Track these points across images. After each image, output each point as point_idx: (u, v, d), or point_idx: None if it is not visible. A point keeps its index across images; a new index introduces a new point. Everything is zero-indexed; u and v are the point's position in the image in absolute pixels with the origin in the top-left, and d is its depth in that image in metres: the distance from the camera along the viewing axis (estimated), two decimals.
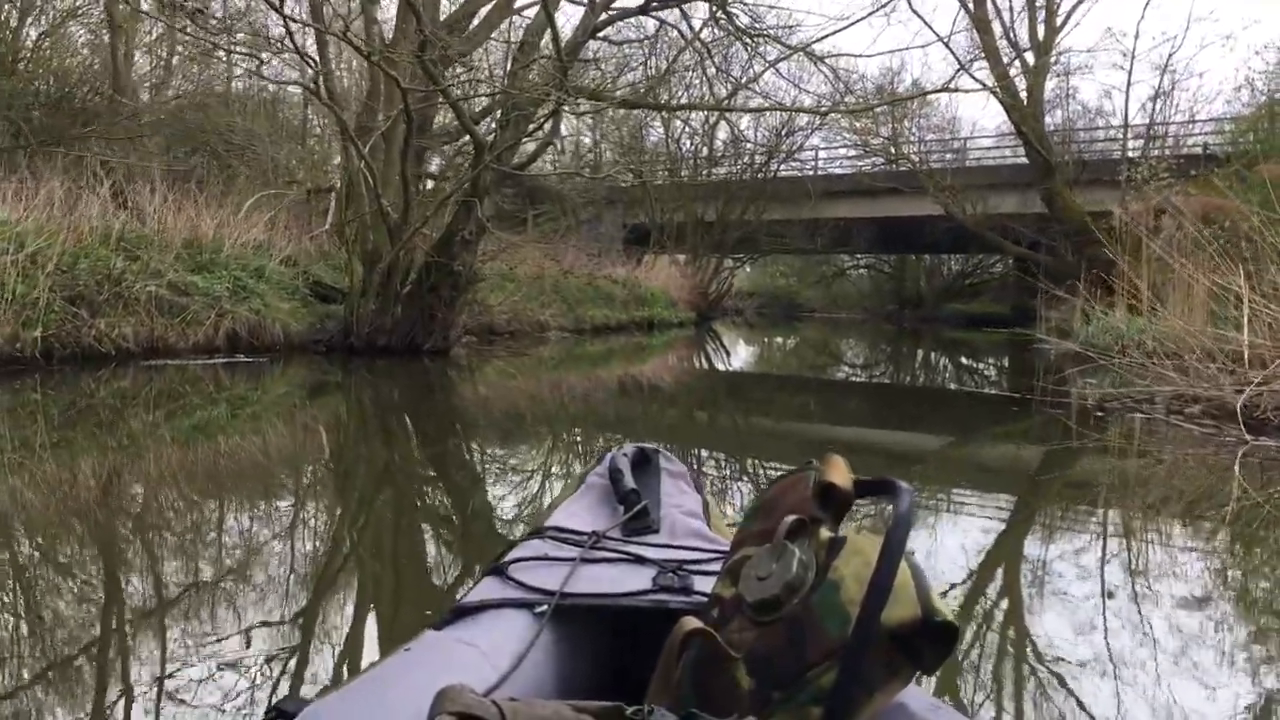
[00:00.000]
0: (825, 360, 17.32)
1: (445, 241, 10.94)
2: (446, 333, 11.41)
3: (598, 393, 10.12)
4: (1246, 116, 18.23)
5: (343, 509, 4.35)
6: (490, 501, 4.52)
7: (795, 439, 7.17)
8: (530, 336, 15.89)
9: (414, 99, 9.69)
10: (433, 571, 3.34)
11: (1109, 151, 24.25)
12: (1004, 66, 20.30)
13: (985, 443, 7.07)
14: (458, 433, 6.96)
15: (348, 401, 8.64)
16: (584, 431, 7.25)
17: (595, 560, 1.48)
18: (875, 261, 42.57)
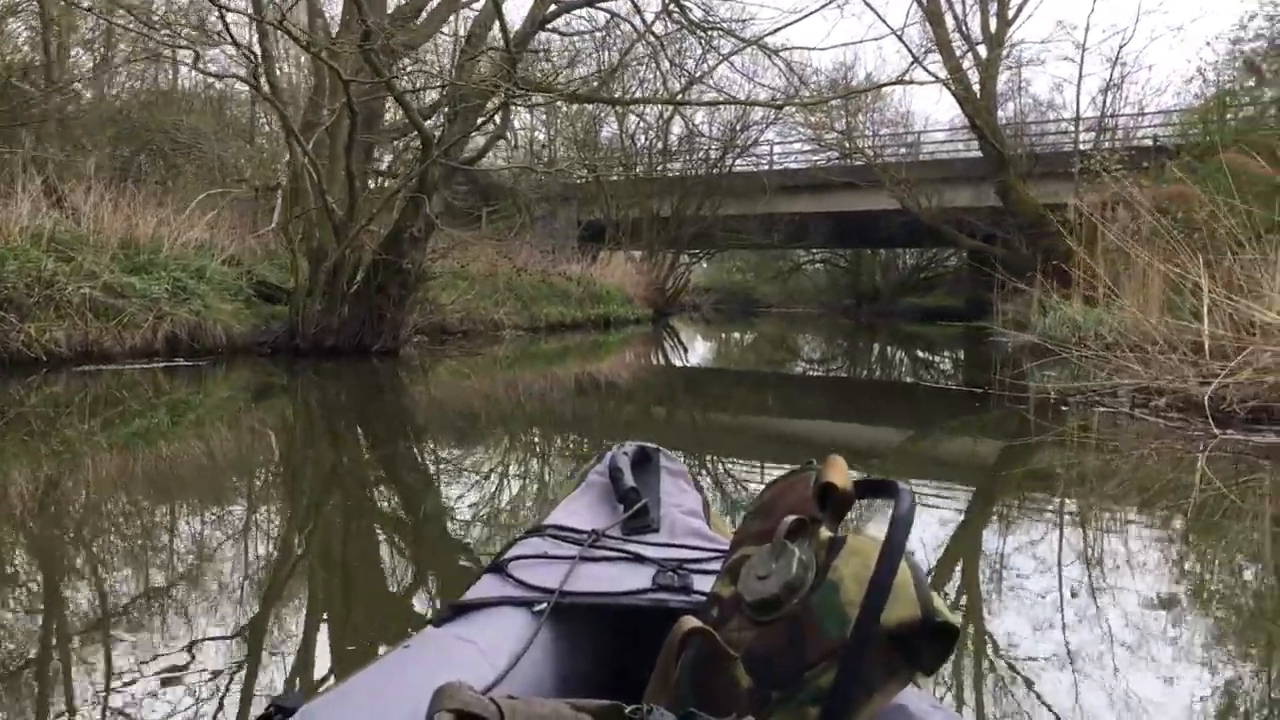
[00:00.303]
0: (783, 355, 17.30)
1: (393, 239, 10.66)
2: (396, 332, 11.13)
3: (554, 391, 10.00)
4: (1197, 108, 18.38)
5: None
6: (446, 504, 4.38)
7: (754, 434, 7.09)
8: (484, 335, 15.65)
9: (358, 92, 9.41)
10: (433, 569, 3.29)
11: (1061, 144, 24.43)
12: (957, 59, 20.33)
13: (946, 437, 6.98)
14: (417, 435, 6.74)
15: (294, 404, 8.38)
16: (542, 431, 7.13)
17: (595, 559, 1.48)
18: (831, 256, 42.75)
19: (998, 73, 21.85)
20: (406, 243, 10.51)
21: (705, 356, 17.08)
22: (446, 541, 3.63)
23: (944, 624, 0.89)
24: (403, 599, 2.95)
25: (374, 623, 2.69)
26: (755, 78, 18.70)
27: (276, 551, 3.51)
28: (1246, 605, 3.06)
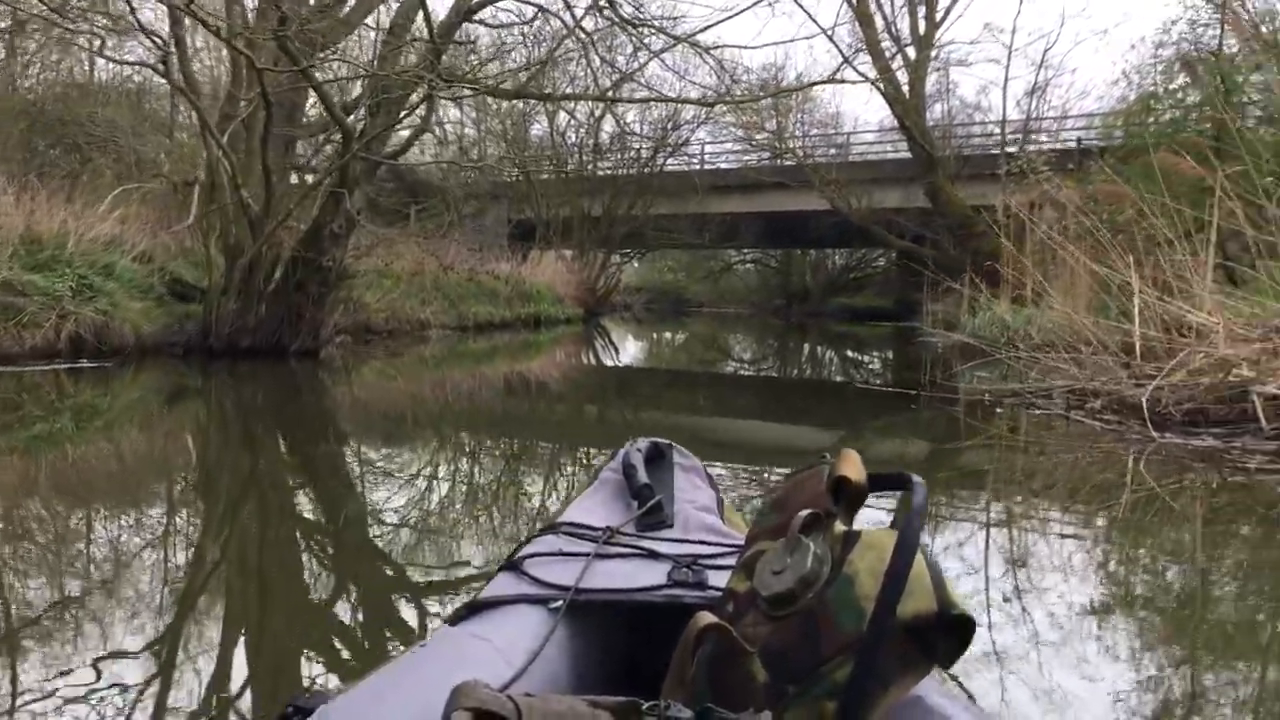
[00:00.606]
0: (714, 355, 17.31)
1: (313, 236, 10.29)
2: (316, 332, 10.75)
3: (484, 391, 9.88)
4: (1120, 111, 18.71)
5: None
6: (376, 505, 4.22)
7: (685, 433, 6.86)
8: (410, 335, 15.33)
9: (274, 82, 9.05)
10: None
11: (988, 146, 24.75)
12: (886, 60, 20.45)
13: (878, 438, 6.89)
14: (366, 437, 6.52)
15: (209, 406, 8.05)
16: (473, 432, 7.00)
17: (609, 555, 1.48)
18: (762, 256, 42.85)
19: (926, 74, 22.03)
20: (327, 240, 10.15)
21: (637, 356, 17.08)
22: (458, 542, 3.61)
23: (960, 616, 0.89)
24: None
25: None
26: (687, 76, 18.63)
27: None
28: (1179, 607, 3.00)
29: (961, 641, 0.91)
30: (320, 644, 2.49)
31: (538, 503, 4.32)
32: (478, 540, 3.65)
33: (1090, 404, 6.25)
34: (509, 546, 3.66)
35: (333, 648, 2.46)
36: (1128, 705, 2.20)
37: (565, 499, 4.32)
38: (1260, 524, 4.00)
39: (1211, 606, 3.03)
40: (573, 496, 1.93)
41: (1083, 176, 14.00)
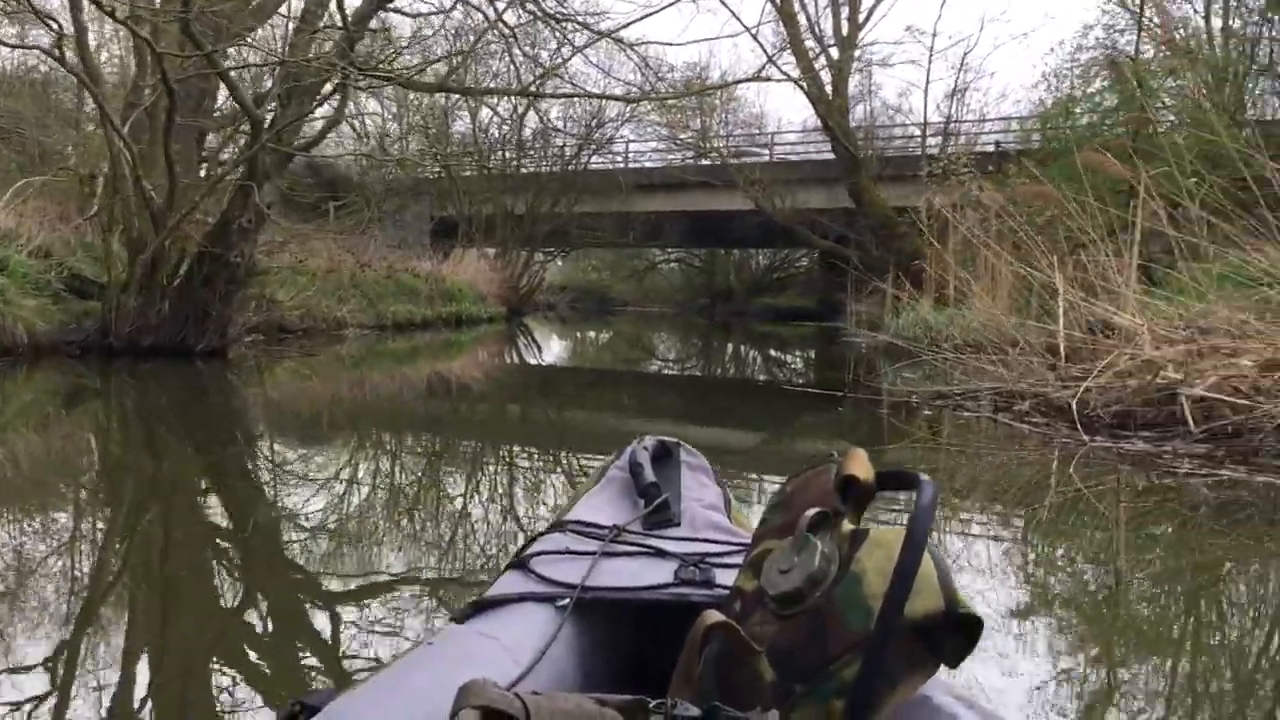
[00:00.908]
0: (638, 354, 17.32)
1: (221, 230, 9.85)
2: (224, 330, 10.29)
3: (405, 392, 9.71)
4: (1039, 114, 19.03)
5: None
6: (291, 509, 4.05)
7: (609, 432, 7.01)
8: (326, 334, 14.92)
9: (175, 67, 8.62)
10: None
11: (910, 148, 25.02)
12: (809, 60, 20.49)
13: (803, 438, 6.84)
14: (309, 438, 6.24)
15: (107, 408, 7.68)
16: (395, 433, 6.86)
17: (616, 554, 1.48)
18: (686, 256, 42.97)
19: (849, 75, 22.15)
20: (235, 234, 9.72)
21: (561, 355, 17.07)
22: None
23: (968, 616, 0.89)
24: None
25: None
26: (611, 73, 18.43)
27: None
28: (1096, 608, 2.95)
29: (969, 641, 0.90)
30: (326, 642, 2.49)
31: (460, 505, 4.26)
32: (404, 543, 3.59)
33: (1018, 406, 6.17)
34: (422, 549, 3.45)
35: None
36: (1044, 698, 2.20)
37: (487, 500, 4.37)
38: (1182, 526, 3.95)
39: (1127, 607, 3.01)
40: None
41: (1003, 179, 14.15)
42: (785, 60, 20.03)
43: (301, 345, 13.25)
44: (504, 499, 4.44)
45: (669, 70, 20.16)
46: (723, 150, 26.74)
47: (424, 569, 3.25)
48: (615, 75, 17.65)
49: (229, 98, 12.54)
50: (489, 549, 3.46)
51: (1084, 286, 6.77)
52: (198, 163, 13.34)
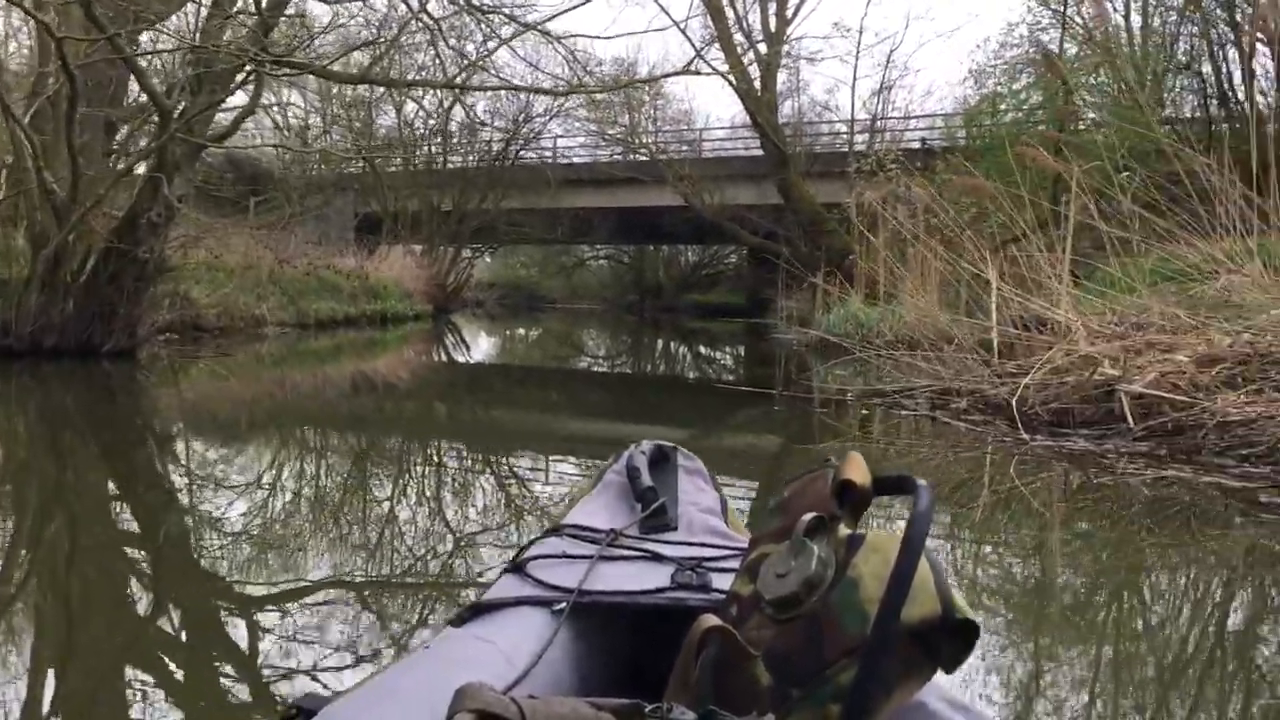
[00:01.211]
0: (568, 351, 17.31)
1: (129, 225, 9.39)
2: (132, 330, 9.82)
3: (328, 392, 9.47)
4: (964, 112, 19.23)
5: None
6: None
7: (538, 431, 6.91)
8: (245, 333, 14.47)
9: (76, 52, 8.18)
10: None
11: (837, 145, 25.14)
12: (738, 55, 20.43)
13: (735, 434, 6.73)
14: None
15: (7, 412, 7.28)
16: (317, 435, 6.68)
17: (613, 558, 1.48)
18: (615, 252, 42.89)
19: (778, 70, 22.15)
20: (144, 229, 9.26)
21: (489, 353, 16.99)
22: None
23: (964, 621, 0.88)
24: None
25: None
26: (539, 67, 18.17)
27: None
28: (1027, 606, 2.91)
29: (966, 646, 0.90)
30: (323, 645, 2.48)
31: (387, 508, 4.17)
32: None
33: (955, 404, 6.05)
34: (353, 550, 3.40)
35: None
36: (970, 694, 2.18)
37: (416, 501, 4.30)
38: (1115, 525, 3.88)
39: (1052, 604, 2.98)
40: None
41: (931, 176, 14.22)
42: (714, 56, 19.98)
43: (218, 344, 12.85)
44: (431, 502, 4.35)
45: (597, 64, 19.97)
46: (651, 146, 26.60)
47: (353, 573, 3.20)
48: (543, 69, 17.43)
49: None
50: (415, 551, 3.43)
51: (1016, 281, 6.72)
52: (108, 155, 12.77)
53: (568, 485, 4.69)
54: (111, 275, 9.37)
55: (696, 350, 18.12)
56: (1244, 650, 2.62)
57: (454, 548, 3.58)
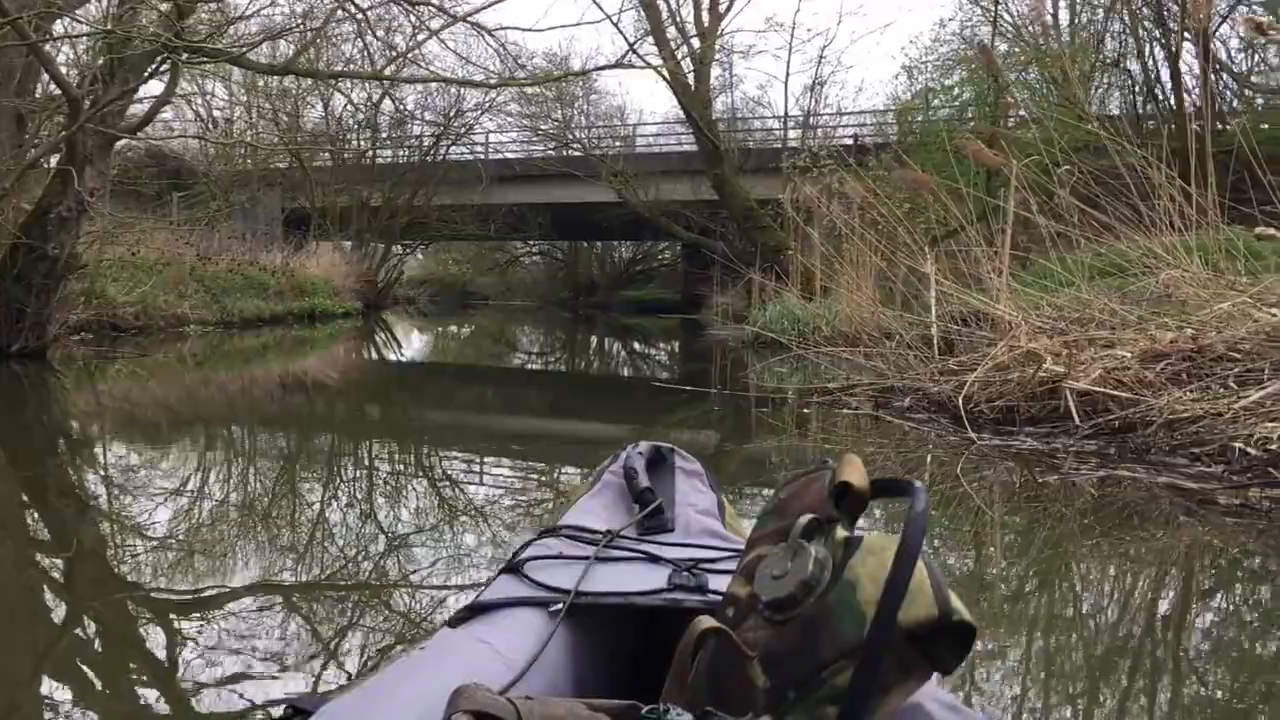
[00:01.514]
0: (502, 349, 17.19)
1: (37, 220, 8.94)
2: (41, 330, 9.34)
3: (254, 392, 9.13)
4: (897, 108, 19.36)
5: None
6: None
7: (472, 431, 6.81)
8: (165, 332, 13.97)
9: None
10: (450, 571, 3.20)
11: (771, 141, 25.19)
12: (671, 49, 20.30)
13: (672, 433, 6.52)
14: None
15: None
16: (244, 437, 6.50)
17: (610, 559, 1.48)
18: (549, 249, 42.62)
19: (711, 65, 22.07)
20: (53, 224, 8.82)
21: (422, 351, 16.74)
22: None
23: (962, 623, 0.88)
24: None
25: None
26: (470, 61, 17.89)
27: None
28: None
29: (963, 648, 0.90)
30: (319, 645, 2.48)
31: (318, 510, 4.12)
32: None
33: (898, 402, 5.93)
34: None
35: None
36: None
37: (345, 504, 4.25)
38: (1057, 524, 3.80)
39: (985, 603, 2.90)
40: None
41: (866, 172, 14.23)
42: (647, 50, 19.84)
43: (137, 344, 12.39)
44: (363, 504, 4.29)
45: (529, 58, 19.73)
46: (585, 141, 26.41)
47: (283, 575, 3.16)
48: (475, 63, 17.15)
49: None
50: (347, 553, 3.39)
51: (955, 276, 6.66)
52: (18, 147, 12.22)
53: (502, 487, 4.63)
54: (18, 273, 8.92)
55: (631, 347, 18.02)
56: (1182, 643, 2.61)
57: (414, 549, 3.48)
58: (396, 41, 15.17)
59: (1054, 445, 4.65)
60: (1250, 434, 3.65)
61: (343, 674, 2.25)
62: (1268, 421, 3.67)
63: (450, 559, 3.29)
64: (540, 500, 4.23)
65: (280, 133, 25.89)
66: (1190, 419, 4.15)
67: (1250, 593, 3.07)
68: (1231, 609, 2.93)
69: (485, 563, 3.10)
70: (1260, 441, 3.58)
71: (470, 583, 2.86)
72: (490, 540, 3.53)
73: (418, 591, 2.92)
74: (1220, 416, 3.97)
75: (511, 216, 28.85)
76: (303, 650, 2.42)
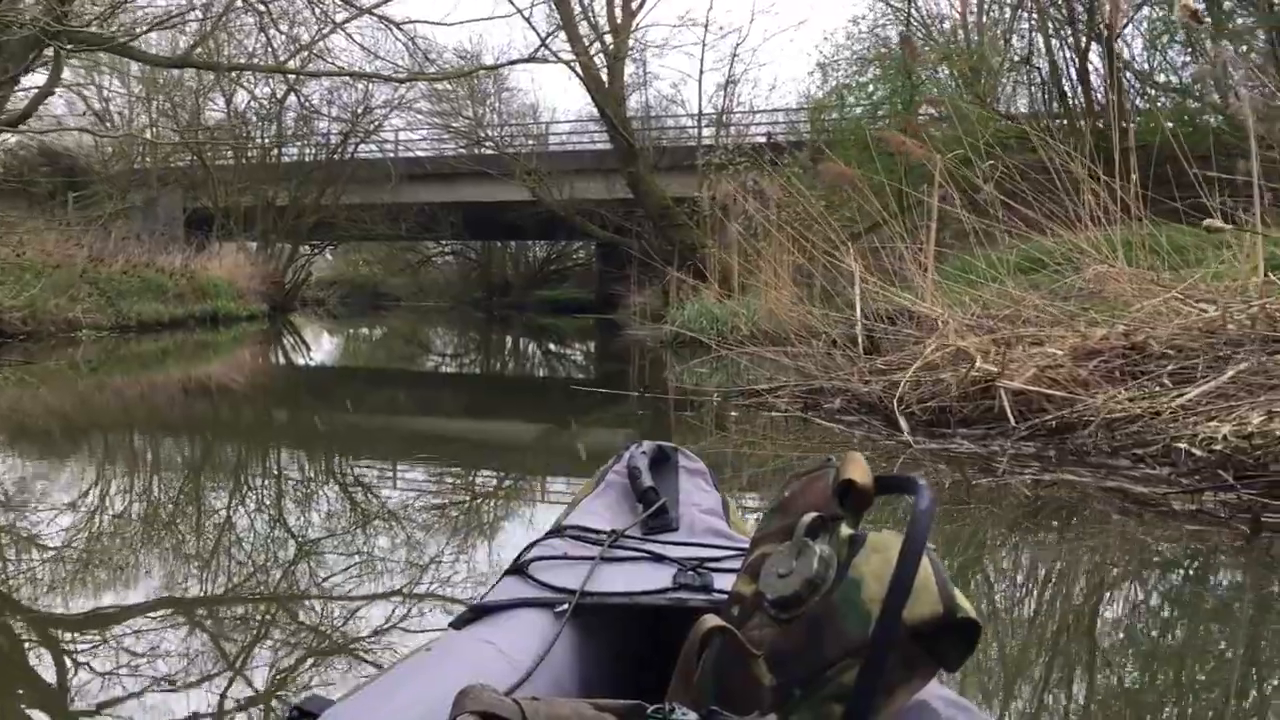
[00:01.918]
0: (415, 350, 16.99)
1: None
2: None
3: (156, 397, 8.77)
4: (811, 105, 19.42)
5: None
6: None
7: (387, 434, 6.65)
8: (57, 338, 13.32)
9: None
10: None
11: (686, 139, 25.12)
12: (584, 44, 20.08)
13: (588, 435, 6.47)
14: None
15: None
16: (143, 445, 6.23)
17: (615, 559, 1.48)
18: (462, 249, 42.19)
19: (624, 61, 21.88)
20: None
21: (332, 354, 16.48)
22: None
23: (966, 621, 0.88)
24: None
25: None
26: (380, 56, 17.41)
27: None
28: None
29: (968, 645, 0.89)
30: (325, 647, 2.48)
31: (223, 517, 3.98)
32: None
33: (828, 404, 5.72)
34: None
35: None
36: None
37: (254, 509, 4.18)
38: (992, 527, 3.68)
39: None
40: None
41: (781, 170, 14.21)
42: (560, 46, 19.62)
43: (25, 349, 11.80)
44: (271, 510, 4.19)
45: (440, 54, 19.32)
46: (498, 139, 26.03)
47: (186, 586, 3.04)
48: (383, 57, 16.72)
49: None
50: (246, 563, 3.32)
51: (879, 272, 6.55)
52: None
53: (416, 491, 4.55)
54: None
55: (547, 348, 17.88)
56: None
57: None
58: (301, 35, 14.76)
59: (991, 448, 4.51)
60: (1194, 434, 3.53)
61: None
62: (1209, 420, 3.56)
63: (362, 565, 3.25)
64: (456, 502, 4.19)
65: (180, 129, 25.02)
66: (1128, 418, 4.04)
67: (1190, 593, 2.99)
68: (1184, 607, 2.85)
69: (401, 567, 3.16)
70: (1204, 442, 3.48)
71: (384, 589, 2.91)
72: (406, 542, 3.55)
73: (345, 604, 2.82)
74: (1159, 416, 3.85)
75: (423, 216, 28.51)
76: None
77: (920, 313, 5.83)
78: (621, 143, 20.98)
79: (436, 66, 16.76)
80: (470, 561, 3.25)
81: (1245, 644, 2.56)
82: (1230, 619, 2.78)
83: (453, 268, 44.20)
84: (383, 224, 28.09)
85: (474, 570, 3.09)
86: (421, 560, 3.31)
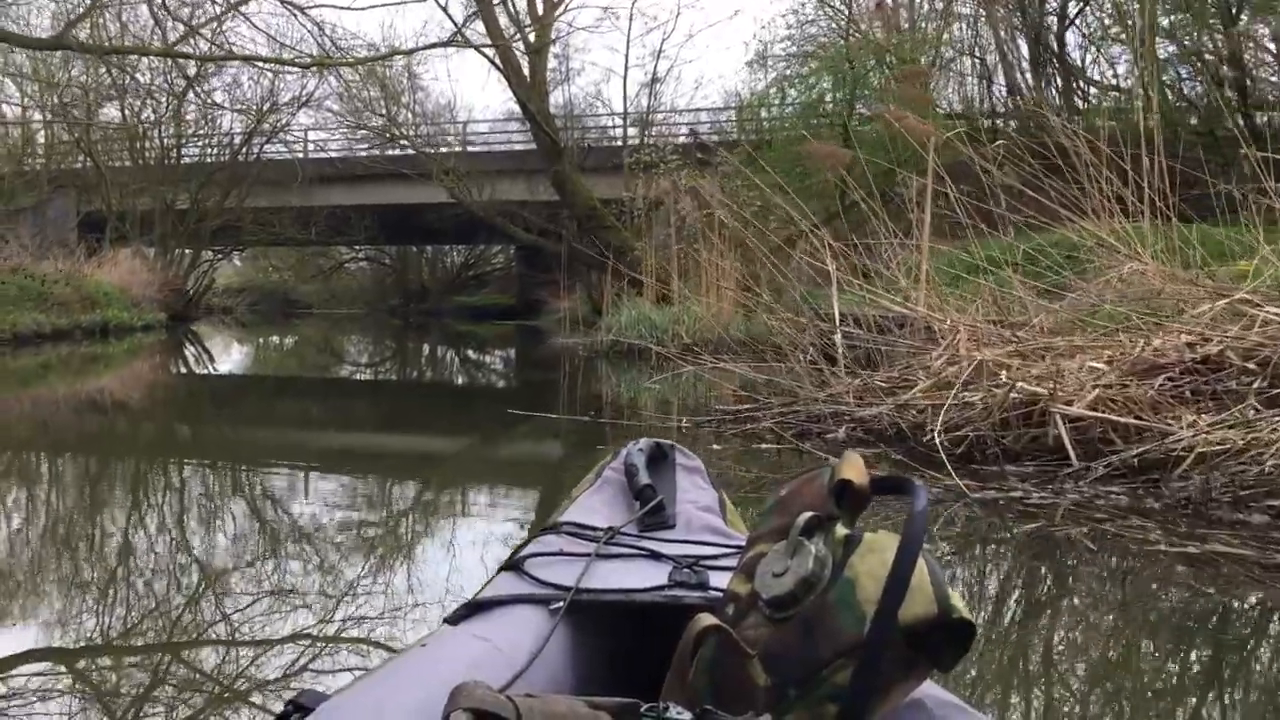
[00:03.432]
0: (328, 359, 16.54)
1: None
2: None
3: (40, 413, 8.24)
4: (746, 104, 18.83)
5: None
6: None
7: (300, 449, 6.32)
8: None
9: None
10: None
11: (608, 138, 24.41)
12: (503, 34, 19.13)
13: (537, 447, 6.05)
14: None
15: None
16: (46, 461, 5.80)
17: (610, 556, 1.44)
18: (376, 254, 41.04)
19: (547, 54, 21.00)
20: None
21: (240, 364, 15.85)
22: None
23: (961, 621, 0.86)
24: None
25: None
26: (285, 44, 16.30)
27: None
28: None
29: (962, 645, 0.88)
30: (319, 643, 2.47)
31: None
32: None
33: (830, 432, 4.65)
34: None
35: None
36: None
37: (158, 528, 3.96)
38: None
39: None
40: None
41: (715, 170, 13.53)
42: (479, 39, 18.66)
43: None
44: (270, 508, 4.21)
45: (349, 44, 18.23)
46: (414, 139, 24.92)
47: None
48: (290, 46, 15.60)
49: None
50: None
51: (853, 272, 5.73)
52: None
53: (332, 502, 4.41)
54: None
55: (465, 355, 17.20)
56: None
57: None
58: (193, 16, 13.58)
59: (1065, 495, 3.47)
60: None
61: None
62: None
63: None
64: (369, 521, 4.05)
65: (69, 124, 23.51)
66: (1229, 452, 3.16)
67: None
68: None
69: None
70: None
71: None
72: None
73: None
74: (1271, 447, 2.99)
75: (334, 219, 27.53)
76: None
77: (915, 318, 4.94)
78: (545, 139, 20.04)
79: (345, 52, 15.70)
80: (466, 558, 3.20)
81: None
82: None
83: (367, 273, 43.10)
84: (291, 228, 26.99)
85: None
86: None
